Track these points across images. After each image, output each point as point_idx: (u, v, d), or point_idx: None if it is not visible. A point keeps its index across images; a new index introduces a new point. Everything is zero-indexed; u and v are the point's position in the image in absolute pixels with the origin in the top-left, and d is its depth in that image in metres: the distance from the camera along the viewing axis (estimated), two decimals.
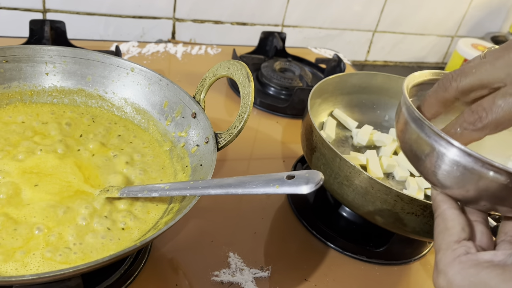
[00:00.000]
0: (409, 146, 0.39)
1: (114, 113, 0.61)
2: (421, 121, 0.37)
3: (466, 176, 0.34)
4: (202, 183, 0.43)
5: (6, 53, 0.56)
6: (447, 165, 0.35)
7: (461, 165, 0.34)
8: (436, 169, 0.36)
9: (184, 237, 0.58)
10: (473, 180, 0.34)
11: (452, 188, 0.36)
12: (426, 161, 0.37)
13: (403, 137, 0.40)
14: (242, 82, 0.50)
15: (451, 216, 0.36)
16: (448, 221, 0.36)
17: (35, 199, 0.46)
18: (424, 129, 0.37)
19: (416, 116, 0.37)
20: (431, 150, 0.36)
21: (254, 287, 0.53)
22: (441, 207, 0.37)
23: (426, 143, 0.36)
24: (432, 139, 0.36)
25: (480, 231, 0.37)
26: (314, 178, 0.37)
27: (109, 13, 0.99)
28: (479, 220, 0.37)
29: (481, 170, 0.33)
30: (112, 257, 0.36)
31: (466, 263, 0.33)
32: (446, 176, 0.36)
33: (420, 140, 0.37)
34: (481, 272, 0.31)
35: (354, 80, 0.73)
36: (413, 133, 0.38)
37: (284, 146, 0.80)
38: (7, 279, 0.33)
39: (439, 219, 0.37)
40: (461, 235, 0.35)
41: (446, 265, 0.33)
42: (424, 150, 0.37)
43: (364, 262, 0.60)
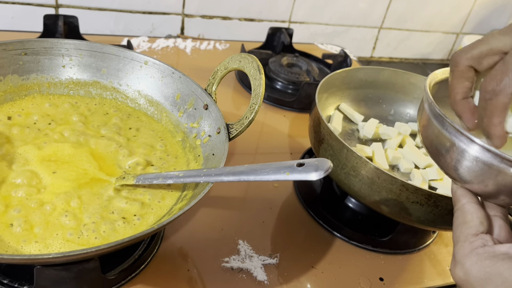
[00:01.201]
0: (430, 141, 0.40)
1: (128, 105, 0.63)
2: (442, 118, 0.38)
3: (485, 171, 0.35)
4: (215, 170, 0.45)
5: (25, 46, 0.58)
6: (467, 161, 0.36)
7: (480, 160, 0.35)
8: (456, 164, 0.37)
9: (194, 225, 0.60)
10: (492, 175, 0.35)
11: (472, 183, 0.37)
12: (447, 157, 0.38)
13: (425, 133, 0.41)
14: (253, 74, 0.52)
15: (470, 210, 0.37)
16: (467, 214, 0.37)
17: (54, 185, 0.48)
18: (445, 125, 0.38)
19: (438, 113, 0.39)
20: (451, 146, 0.37)
21: (263, 273, 0.55)
22: (461, 201, 0.38)
23: (447, 139, 0.38)
24: (453, 135, 0.37)
25: (498, 225, 0.37)
26: (323, 166, 0.39)
27: (120, 8, 1.01)
28: (498, 215, 0.38)
29: (500, 166, 0.34)
30: (131, 238, 0.38)
31: (482, 255, 0.33)
32: (466, 171, 0.37)
33: (441, 136, 0.38)
34: (496, 263, 0.32)
35: (361, 75, 0.75)
36: (434, 129, 0.39)
37: (291, 139, 0.82)
38: (33, 257, 0.35)
39: (459, 212, 0.37)
40: (479, 228, 0.35)
41: (463, 256, 0.34)
42: (445, 146, 0.38)
43: (370, 251, 0.62)
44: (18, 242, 0.43)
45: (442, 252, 0.65)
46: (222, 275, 0.54)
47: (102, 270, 0.46)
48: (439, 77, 0.46)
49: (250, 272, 0.55)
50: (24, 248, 0.42)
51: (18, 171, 0.49)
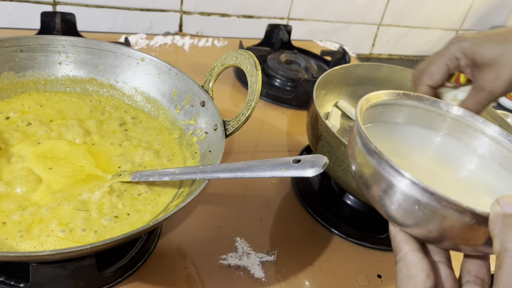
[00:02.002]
0: (363, 178, 0.35)
1: (125, 102, 0.62)
2: (376, 153, 0.33)
3: (428, 216, 0.31)
4: (211, 167, 0.45)
5: (21, 42, 0.58)
6: (407, 203, 0.31)
7: (422, 203, 0.31)
8: (394, 206, 0.32)
9: (192, 222, 0.59)
10: (437, 220, 0.31)
11: (413, 227, 0.33)
12: (383, 197, 0.33)
13: (355, 166, 0.36)
14: (250, 71, 0.52)
15: (414, 261, 0.33)
16: (411, 267, 0.33)
17: (50, 181, 0.48)
18: (380, 161, 0.33)
19: (372, 148, 0.33)
20: (387, 185, 0.32)
21: (261, 270, 0.55)
22: (403, 250, 0.34)
23: (382, 177, 0.33)
24: (389, 173, 0.32)
25: (444, 274, 0.34)
26: (319, 162, 0.39)
27: (118, 5, 1.00)
28: (442, 261, 0.35)
29: (445, 210, 0.30)
30: (126, 235, 0.38)
31: None
32: (406, 215, 0.32)
33: (375, 174, 0.33)
34: None
35: (359, 72, 0.75)
36: (367, 165, 0.34)
37: (289, 136, 0.81)
38: (27, 255, 0.35)
39: (401, 263, 0.33)
40: (426, 284, 0.32)
41: None
42: (381, 186, 0.33)
43: (367, 248, 0.62)
44: (13, 239, 0.42)
45: None
46: (220, 272, 0.54)
47: (98, 267, 0.46)
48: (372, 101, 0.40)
49: (248, 269, 0.55)
50: (20, 245, 0.42)
51: (14, 168, 0.49)
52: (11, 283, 0.46)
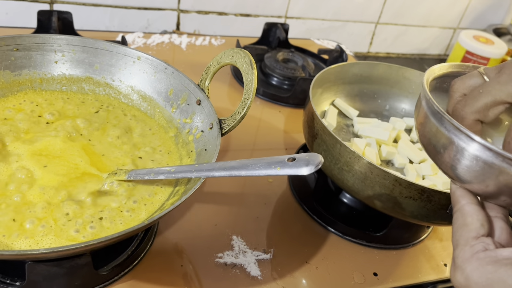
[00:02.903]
0: (428, 139, 0.39)
1: (121, 101, 0.62)
2: (441, 115, 0.36)
3: (486, 171, 0.34)
4: (207, 166, 0.45)
5: (16, 41, 0.58)
6: (467, 160, 0.35)
7: (480, 159, 0.34)
8: (455, 163, 0.36)
9: (188, 220, 0.59)
10: (493, 175, 0.33)
11: (472, 183, 0.36)
12: (445, 155, 0.36)
13: (422, 131, 0.40)
14: (245, 69, 0.52)
15: (470, 211, 0.35)
16: (467, 216, 0.35)
17: (45, 179, 0.48)
18: (444, 122, 0.36)
19: (436, 110, 0.37)
20: (450, 144, 0.36)
21: (257, 268, 0.55)
22: (460, 202, 0.36)
23: (446, 137, 0.36)
24: (452, 133, 0.35)
25: (499, 227, 0.36)
26: (314, 160, 0.39)
27: (115, 4, 1.00)
28: (499, 216, 0.37)
29: (501, 165, 0.33)
30: (121, 233, 0.38)
31: (484, 260, 0.32)
32: (465, 171, 0.35)
33: (439, 134, 0.37)
34: (499, 269, 0.31)
35: (356, 70, 0.75)
36: (432, 126, 0.38)
37: (286, 135, 0.81)
38: (22, 253, 0.35)
39: (458, 214, 0.36)
40: (480, 231, 0.34)
41: (464, 261, 0.33)
42: (443, 144, 0.36)
43: (364, 246, 0.62)
44: (9, 237, 0.42)
45: (436, 247, 0.65)
46: (216, 270, 0.54)
47: (94, 265, 0.46)
48: (436, 73, 0.44)
49: (244, 268, 0.55)
50: (15, 244, 0.42)
51: (9, 166, 0.49)
52: (7, 281, 0.46)
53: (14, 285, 0.46)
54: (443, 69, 0.44)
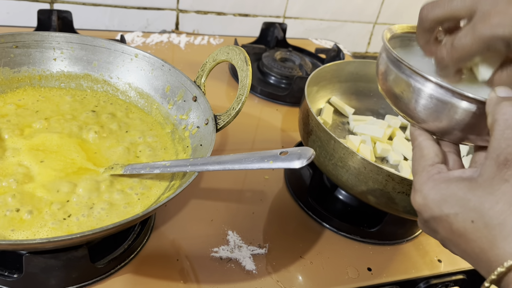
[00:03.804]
0: (388, 87, 0.42)
1: (119, 97, 0.63)
2: (399, 61, 0.40)
3: (439, 107, 0.38)
4: (201, 160, 0.46)
5: (16, 38, 0.59)
6: (423, 99, 0.38)
7: (434, 97, 0.38)
8: (413, 104, 0.39)
9: (185, 216, 0.60)
10: (445, 110, 0.37)
11: (428, 122, 0.39)
12: (405, 98, 0.40)
13: (383, 80, 0.43)
14: (241, 66, 0.52)
15: (426, 145, 0.39)
16: (423, 149, 0.39)
17: (42, 174, 0.49)
18: (402, 68, 0.40)
19: (394, 57, 0.41)
20: (408, 86, 0.39)
21: (252, 262, 0.56)
22: (418, 139, 0.40)
23: (404, 81, 0.40)
24: (409, 76, 0.39)
25: (452, 159, 0.40)
26: (306, 154, 0.40)
27: (114, 4, 1.01)
28: (452, 151, 0.41)
29: (451, 100, 0.37)
30: (115, 225, 0.39)
31: (438, 180, 0.36)
32: (422, 110, 0.39)
33: (398, 79, 0.40)
34: (450, 185, 0.35)
35: (351, 68, 0.75)
36: (392, 73, 0.41)
37: (283, 133, 0.82)
38: (19, 243, 0.36)
39: (416, 149, 0.40)
40: (435, 160, 0.38)
41: (421, 184, 0.37)
42: (402, 88, 0.40)
43: (358, 241, 0.63)
44: (5, 230, 0.43)
45: (430, 243, 0.65)
46: (211, 264, 0.55)
47: (91, 258, 0.47)
48: (395, 31, 0.47)
49: (239, 262, 0.56)
50: (12, 236, 0.43)
51: (7, 160, 0.50)
52: (5, 273, 0.47)
53: (12, 277, 0.47)
54: (402, 29, 0.48)
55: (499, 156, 0.32)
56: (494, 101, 0.34)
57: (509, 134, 0.32)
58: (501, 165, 0.32)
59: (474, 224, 0.33)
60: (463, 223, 0.34)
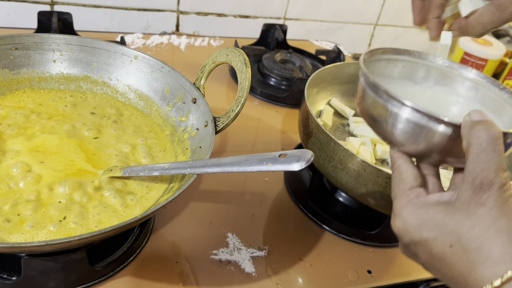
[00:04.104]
0: (367, 110, 0.42)
1: (118, 99, 0.63)
2: (376, 86, 0.40)
3: (416, 131, 0.38)
4: (200, 162, 0.46)
5: (15, 40, 0.59)
6: (400, 123, 0.39)
7: (411, 121, 0.38)
8: (391, 128, 0.40)
9: (184, 218, 0.60)
10: (423, 134, 0.37)
11: (406, 145, 0.39)
12: (382, 122, 0.40)
13: (362, 104, 0.43)
14: (240, 68, 0.52)
15: (405, 168, 0.40)
16: (402, 173, 0.39)
17: (42, 175, 0.49)
18: (379, 92, 0.40)
19: (371, 82, 0.41)
20: (385, 111, 0.39)
21: (251, 265, 0.56)
22: (397, 162, 0.40)
23: (381, 105, 0.40)
24: (386, 101, 0.39)
25: (432, 182, 0.40)
26: (305, 156, 0.40)
27: (115, 5, 1.01)
28: (431, 173, 0.41)
29: (428, 124, 0.37)
30: (114, 227, 0.39)
31: (417, 204, 0.36)
32: (400, 134, 0.39)
33: (376, 104, 0.41)
34: (429, 210, 0.35)
35: (351, 70, 0.75)
36: (369, 98, 0.41)
37: (283, 135, 0.82)
38: (17, 245, 0.36)
39: (395, 172, 0.40)
40: (414, 183, 0.38)
41: (401, 208, 0.37)
42: (380, 112, 0.40)
43: (358, 244, 0.63)
44: (4, 233, 0.43)
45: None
46: (211, 267, 0.55)
47: (90, 261, 0.47)
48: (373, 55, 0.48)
49: (238, 264, 0.56)
50: (10, 238, 0.43)
51: (6, 162, 0.50)
52: (4, 276, 0.47)
53: (10, 279, 0.47)
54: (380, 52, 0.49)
55: (474, 180, 0.33)
56: (469, 124, 0.34)
57: (483, 158, 0.33)
58: (477, 189, 0.33)
59: (452, 248, 0.33)
60: (442, 247, 0.34)
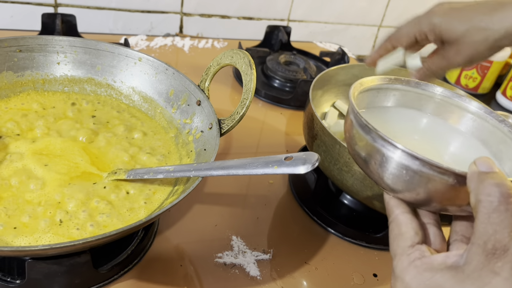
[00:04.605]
0: (357, 151, 0.39)
1: (122, 101, 0.63)
2: (369, 127, 0.36)
3: (415, 179, 0.34)
4: (205, 165, 0.45)
5: (19, 42, 0.59)
6: (395, 169, 0.35)
7: (409, 168, 0.34)
8: (385, 173, 0.36)
9: (189, 220, 0.60)
10: (422, 182, 0.34)
11: (403, 192, 0.36)
12: (375, 166, 0.37)
13: (351, 143, 0.40)
14: (245, 70, 0.52)
15: (404, 220, 0.36)
16: (401, 226, 0.36)
17: (46, 178, 0.49)
18: (371, 134, 0.36)
19: (363, 123, 0.37)
20: (379, 155, 0.36)
21: (256, 268, 0.55)
22: (394, 212, 0.37)
23: (374, 147, 0.36)
24: (380, 144, 0.35)
25: (433, 233, 0.37)
26: (310, 159, 0.39)
27: (118, 7, 1.01)
28: (431, 222, 0.38)
29: (429, 172, 0.33)
30: (118, 231, 0.38)
31: (421, 267, 0.33)
32: (395, 180, 0.35)
33: (368, 146, 0.37)
34: (435, 275, 0.32)
35: (356, 72, 0.75)
36: (361, 139, 0.38)
37: (287, 137, 0.82)
38: (21, 249, 0.36)
39: (393, 224, 0.37)
40: (415, 239, 0.35)
41: (402, 270, 0.34)
42: (372, 155, 0.37)
43: (364, 247, 0.62)
44: (8, 235, 0.43)
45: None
46: (215, 270, 0.54)
47: (94, 264, 0.47)
48: (364, 86, 0.44)
49: (243, 268, 0.55)
50: (15, 241, 0.43)
51: (11, 164, 0.49)
52: (8, 279, 0.47)
53: (15, 283, 0.46)
54: (370, 83, 0.45)
55: (486, 244, 0.30)
56: (476, 177, 0.31)
57: (495, 218, 0.29)
58: (490, 254, 0.30)
59: None
60: None
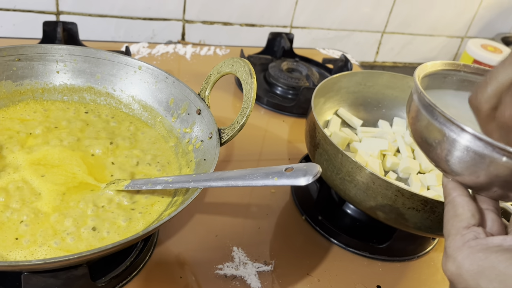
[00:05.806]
0: (420, 133, 0.39)
1: (122, 110, 0.62)
2: (432, 107, 0.36)
3: (477, 162, 0.34)
4: (204, 176, 0.44)
5: (18, 51, 0.58)
6: (458, 151, 0.35)
7: (471, 150, 0.34)
8: (447, 155, 0.36)
9: (189, 231, 0.59)
10: (484, 165, 0.33)
11: (463, 175, 0.36)
12: (437, 148, 0.37)
13: (414, 125, 0.40)
14: (245, 78, 0.51)
15: (461, 202, 0.36)
16: (458, 207, 0.35)
17: (42, 189, 0.48)
18: (435, 115, 0.36)
19: (427, 102, 0.37)
20: (441, 136, 0.36)
21: (257, 280, 0.54)
22: (452, 194, 0.37)
23: (437, 129, 0.36)
24: (443, 125, 0.36)
25: (491, 218, 0.36)
26: (312, 170, 0.38)
27: (120, 15, 1.01)
28: (490, 209, 0.37)
29: (492, 155, 0.33)
30: (115, 245, 0.38)
31: (475, 248, 0.32)
32: (457, 162, 0.35)
33: (431, 127, 0.37)
34: (490, 256, 0.31)
35: (359, 79, 0.74)
36: (424, 119, 0.38)
37: (290, 145, 0.81)
38: (15, 264, 0.35)
39: (449, 205, 0.36)
40: (471, 221, 0.34)
41: (455, 250, 0.33)
42: (435, 137, 0.37)
43: (367, 258, 0.61)
44: (4, 248, 0.42)
45: (441, 260, 0.63)
46: (215, 282, 0.53)
47: (92, 277, 0.46)
48: (428, 70, 0.44)
49: (244, 280, 0.54)
50: (10, 255, 0.42)
51: (7, 175, 0.49)
52: None
53: None
54: (435, 67, 0.45)
55: None
56: None
57: None
58: None
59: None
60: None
